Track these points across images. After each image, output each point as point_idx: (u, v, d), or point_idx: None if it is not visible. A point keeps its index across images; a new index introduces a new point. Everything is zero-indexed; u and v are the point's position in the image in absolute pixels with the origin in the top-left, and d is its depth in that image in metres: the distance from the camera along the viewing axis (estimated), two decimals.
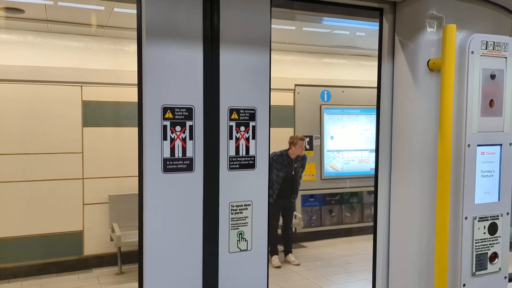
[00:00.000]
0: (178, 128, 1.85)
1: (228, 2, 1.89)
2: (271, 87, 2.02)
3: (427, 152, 2.12)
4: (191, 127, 1.87)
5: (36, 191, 5.80)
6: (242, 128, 1.96)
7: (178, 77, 1.83)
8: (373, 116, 7.64)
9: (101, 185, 6.11)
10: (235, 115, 1.94)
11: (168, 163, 1.84)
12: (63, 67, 5.87)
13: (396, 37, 2.23)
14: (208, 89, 1.88)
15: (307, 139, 7.39)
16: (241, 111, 1.95)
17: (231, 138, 1.95)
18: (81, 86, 5.98)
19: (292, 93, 7.34)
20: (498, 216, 2.22)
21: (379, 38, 2.29)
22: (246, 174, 1.98)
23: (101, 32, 6.04)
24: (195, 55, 1.85)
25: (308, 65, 7.58)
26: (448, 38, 1.95)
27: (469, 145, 2.12)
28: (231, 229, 1.97)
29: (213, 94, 1.89)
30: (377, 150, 2.33)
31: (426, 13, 2.08)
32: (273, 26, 1.99)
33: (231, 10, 1.90)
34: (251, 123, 1.98)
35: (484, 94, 2.13)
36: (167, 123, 1.83)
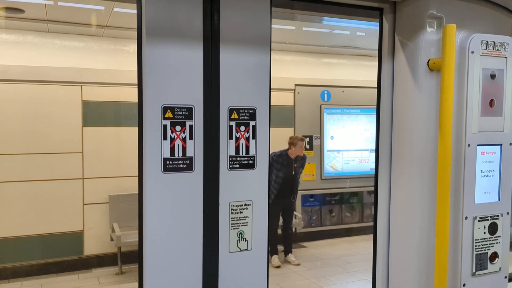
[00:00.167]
0: (178, 128, 1.84)
1: (228, 2, 1.89)
2: (271, 87, 2.02)
3: (427, 152, 2.12)
4: (191, 126, 1.87)
5: (36, 191, 5.79)
6: (242, 128, 1.96)
7: (178, 77, 1.83)
8: (373, 116, 7.64)
9: (101, 185, 6.11)
10: (235, 115, 1.94)
11: (168, 162, 1.84)
12: (63, 67, 5.87)
13: (396, 37, 2.23)
14: (208, 89, 1.88)
15: (307, 139, 7.39)
16: (241, 111, 1.95)
17: (231, 138, 1.94)
18: (81, 86, 5.98)
19: (292, 93, 7.34)
20: (498, 216, 2.22)
21: (379, 38, 2.29)
22: (246, 174, 1.98)
23: (101, 32, 6.04)
24: (195, 55, 1.85)
25: (308, 65, 7.58)
26: (448, 38, 1.95)
27: (469, 145, 2.12)
28: (231, 229, 1.97)
29: (213, 93, 1.89)
30: (377, 150, 2.33)
31: (426, 13, 2.08)
32: (273, 26, 1.99)
33: (231, 10, 1.90)
34: (251, 123, 1.98)
35: (484, 94, 2.13)
36: (167, 122, 1.83)
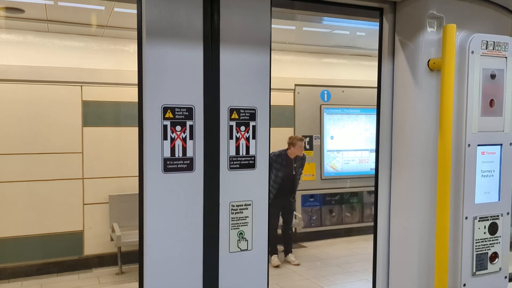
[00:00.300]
0: (178, 128, 1.84)
1: (229, 2, 1.89)
2: (271, 87, 2.02)
3: (427, 152, 2.12)
4: (191, 126, 1.87)
5: (36, 191, 5.79)
6: (242, 128, 1.96)
7: (178, 77, 1.83)
8: (373, 116, 7.63)
9: (101, 185, 6.11)
10: (235, 115, 1.94)
11: (168, 162, 1.84)
12: (63, 67, 5.87)
13: (396, 37, 2.23)
14: (208, 89, 1.88)
15: (307, 139, 7.39)
16: (241, 111, 1.95)
17: (231, 138, 1.94)
18: (81, 86, 5.98)
19: (292, 93, 7.33)
20: (498, 216, 2.22)
21: (379, 38, 2.29)
22: (246, 174, 1.98)
23: (101, 32, 6.04)
24: (195, 55, 1.85)
25: (308, 65, 7.58)
26: (448, 38, 1.96)
27: (469, 145, 2.12)
28: (231, 229, 1.96)
29: (213, 93, 1.89)
30: (377, 150, 2.33)
31: (426, 13, 2.08)
32: (273, 26, 1.99)
33: (231, 9, 1.90)
34: (251, 123, 1.98)
35: (484, 94, 2.13)
36: (167, 122, 1.83)
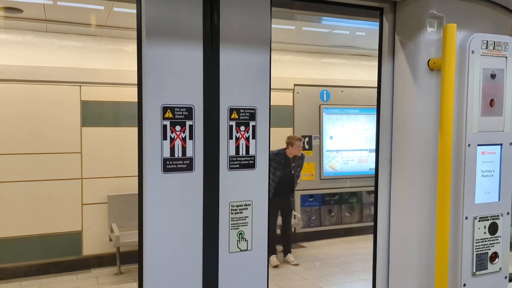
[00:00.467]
0: (178, 128, 1.84)
1: (228, 2, 1.89)
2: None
3: (427, 152, 2.12)
4: (191, 126, 1.86)
5: (35, 191, 5.78)
6: (242, 128, 1.96)
7: (178, 77, 1.82)
8: (372, 116, 7.64)
9: (100, 185, 6.10)
10: (235, 115, 1.94)
11: (168, 163, 1.83)
12: (62, 67, 5.86)
13: (396, 36, 2.22)
14: (208, 89, 1.88)
15: (306, 139, 7.39)
16: (241, 110, 1.95)
17: (231, 137, 1.94)
18: (80, 86, 5.97)
19: (291, 93, 7.33)
20: (498, 216, 2.21)
21: (379, 37, 2.29)
22: (246, 174, 1.98)
23: (100, 32, 6.03)
24: (195, 55, 1.85)
25: (308, 65, 7.58)
26: (449, 37, 1.95)
27: (469, 145, 2.11)
28: (231, 229, 1.96)
29: (213, 93, 1.89)
30: (377, 150, 2.33)
31: (426, 12, 2.08)
32: (272, 26, 1.99)
33: (231, 9, 1.90)
34: (251, 123, 1.97)
35: (484, 94, 2.13)
36: (167, 122, 1.82)
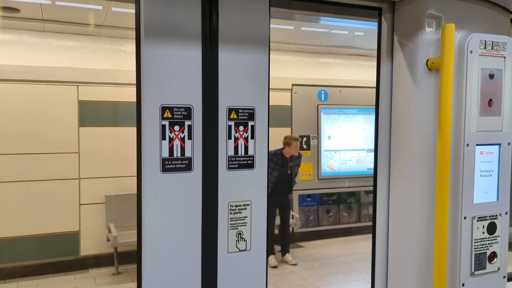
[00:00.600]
0: (176, 128, 1.84)
1: (227, 2, 1.88)
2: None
3: (426, 152, 2.12)
4: (189, 126, 1.86)
5: (32, 191, 5.76)
6: (241, 128, 1.96)
7: (176, 77, 1.82)
8: (370, 116, 7.65)
9: (97, 185, 6.09)
10: (234, 115, 1.94)
11: (166, 162, 1.83)
12: (59, 67, 5.84)
13: (395, 36, 2.23)
14: (207, 89, 1.88)
15: (304, 139, 7.39)
16: (240, 110, 1.94)
17: (230, 137, 1.94)
18: (77, 86, 5.95)
19: (289, 93, 7.33)
20: (497, 215, 2.22)
21: (378, 37, 2.29)
22: (245, 174, 1.98)
23: (97, 32, 6.02)
24: (193, 55, 1.85)
25: (306, 65, 7.58)
26: (447, 37, 1.96)
27: (468, 145, 2.12)
28: (230, 229, 1.96)
29: (212, 93, 1.89)
30: (376, 150, 2.33)
31: (425, 12, 2.08)
32: (271, 26, 1.98)
33: (230, 9, 1.89)
34: (250, 123, 1.97)
35: (482, 94, 2.13)
36: (166, 122, 1.82)
